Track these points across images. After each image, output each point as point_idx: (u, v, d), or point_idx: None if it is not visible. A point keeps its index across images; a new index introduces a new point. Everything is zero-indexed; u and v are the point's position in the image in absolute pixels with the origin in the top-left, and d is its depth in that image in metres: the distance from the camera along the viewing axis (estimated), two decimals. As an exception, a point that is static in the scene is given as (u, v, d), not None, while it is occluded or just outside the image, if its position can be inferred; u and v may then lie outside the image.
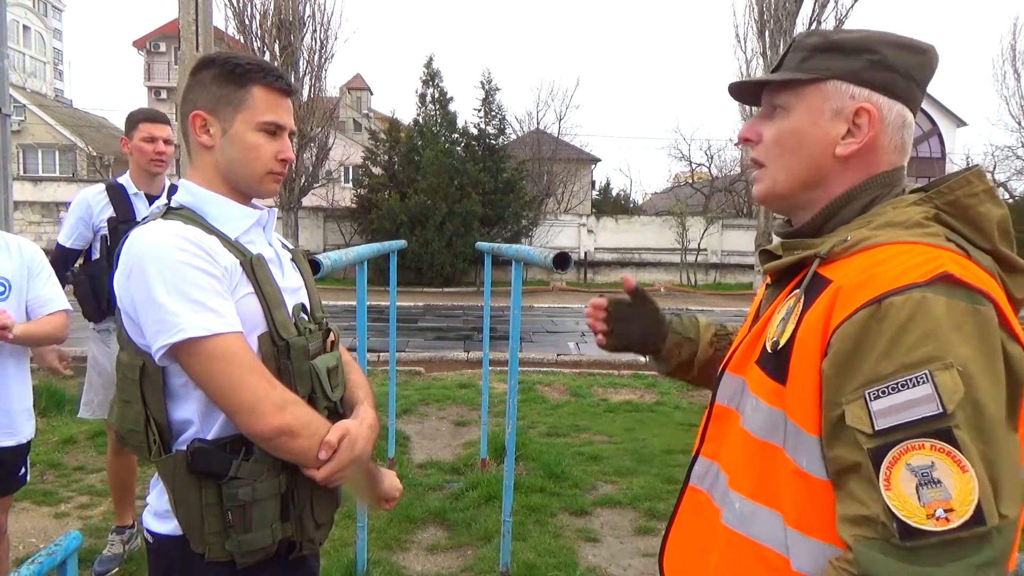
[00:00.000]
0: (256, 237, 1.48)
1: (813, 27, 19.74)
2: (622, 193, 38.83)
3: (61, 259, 3.22)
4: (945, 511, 0.84)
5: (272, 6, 19.83)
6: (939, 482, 0.85)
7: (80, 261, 3.35)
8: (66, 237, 3.26)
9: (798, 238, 1.13)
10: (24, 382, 2.52)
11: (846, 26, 19.64)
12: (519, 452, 4.71)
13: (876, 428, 0.89)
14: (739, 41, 21.20)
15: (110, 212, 3.23)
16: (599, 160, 34.20)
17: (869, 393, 0.90)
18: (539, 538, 3.72)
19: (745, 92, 1.24)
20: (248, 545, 1.35)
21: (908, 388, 0.88)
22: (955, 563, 0.84)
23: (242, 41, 19.62)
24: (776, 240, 1.24)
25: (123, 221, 3.21)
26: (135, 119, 3.30)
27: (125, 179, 3.34)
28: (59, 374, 2.95)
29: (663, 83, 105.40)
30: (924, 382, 0.87)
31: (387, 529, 3.78)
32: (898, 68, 1.07)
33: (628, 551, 3.71)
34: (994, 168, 26.63)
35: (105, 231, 3.22)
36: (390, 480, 1.60)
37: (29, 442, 2.58)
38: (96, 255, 3.25)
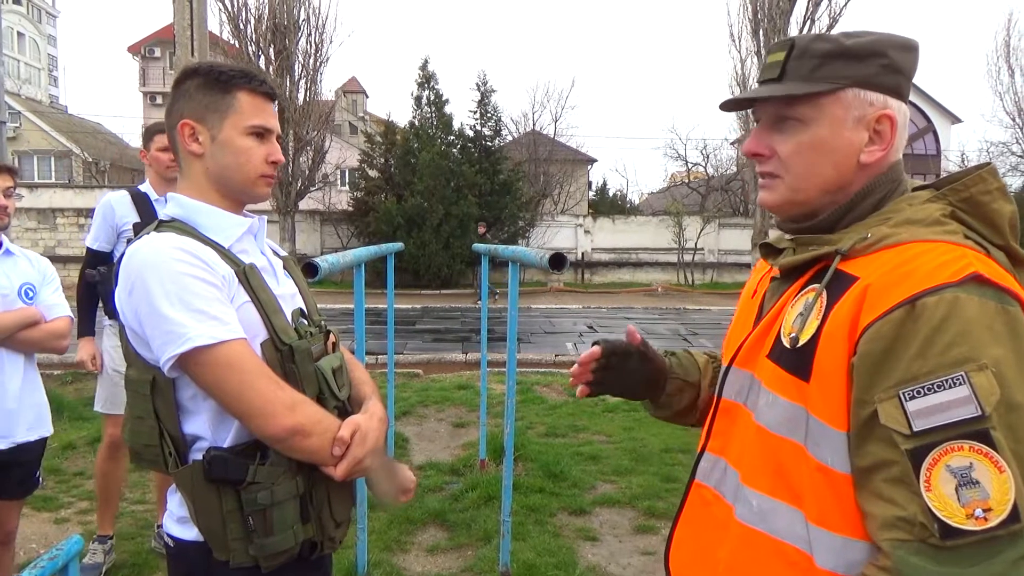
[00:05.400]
0: (248, 246, 1.50)
1: (807, 26, 19.79)
2: (619, 193, 38.98)
3: (91, 261, 3.41)
4: (984, 511, 0.86)
5: (267, 10, 19.84)
6: (977, 483, 0.87)
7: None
8: (92, 239, 3.41)
9: (811, 234, 1.12)
10: (38, 379, 2.76)
11: (840, 24, 19.69)
12: (518, 453, 4.73)
13: (914, 429, 0.90)
14: (733, 40, 21.22)
15: (135, 217, 3.37)
16: (595, 160, 34.16)
17: (904, 393, 0.91)
18: (539, 538, 3.73)
19: (738, 101, 1.21)
20: (271, 548, 1.36)
21: (945, 389, 0.89)
22: (991, 560, 0.86)
23: (237, 45, 19.63)
24: (774, 234, 1.24)
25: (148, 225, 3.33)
26: (151, 132, 3.49)
27: (146, 187, 3.50)
28: (86, 368, 3.41)
29: (658, 83, 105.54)
30: (961, 383, 0.88)
31: (387, 531, 3.79)
32: (904, 70, 1.08)
33: (627, 550, 3.73)
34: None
35: (130, 234, 3.35)
36: (404, 472, 1.61)
37: (46, 442, 2.79)
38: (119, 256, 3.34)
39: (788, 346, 1.04)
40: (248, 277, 1.41)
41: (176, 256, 1.32)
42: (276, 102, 1.53)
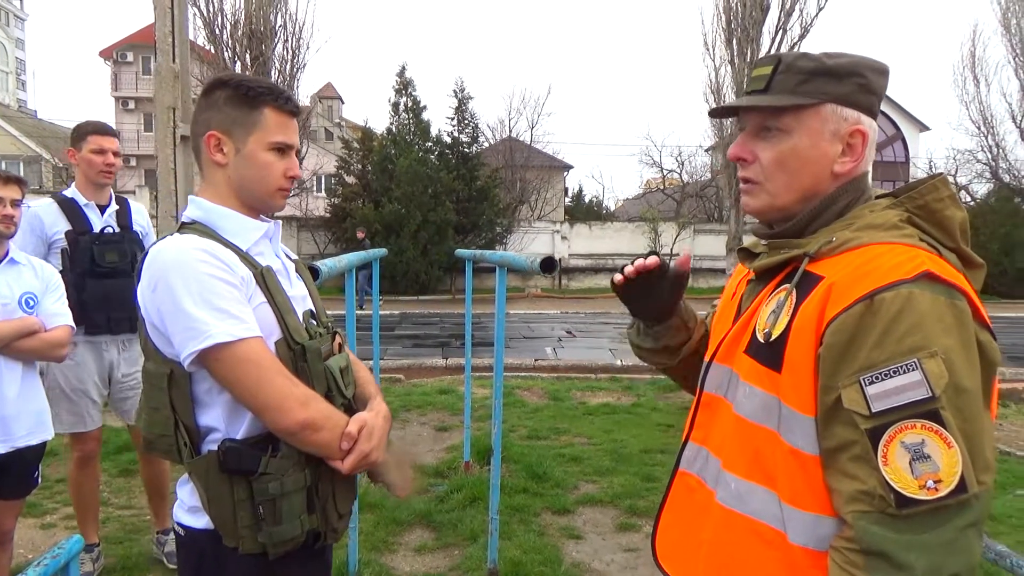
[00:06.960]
0: (264, 248, 1.57)
1: (779, 36, 20.15)
2: (595, 200, 39.22)
3: None
4: (934, 482, 0.97)
5: (243, 16, 19.73)
6: (929, 457, 0.97)
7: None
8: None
9: (782, 239, 1.22)
10: (39, 385, 2.80)
11: (811, 35, 20.09)
12: (501, 454, 4.80)
13: (873, 410, 1.00)
14: (708, 49, 21.47)
15: (65, 225, 3.21)
16: (571, 167, 34.47)
17: (864, 379, 1.01)
18: (524, 537, 3.81)
19: (728, 109, 1.31)
20: (279, 536, 1.44)
21: (900, 374, 0.99)
22: (943, 527, 0.97)
23: (213, 51, 19.49)
24: (751, 239, 1.34)
25: (81, 233, 3.21)
26: (83, 131, 3.26)
27: (73, 191, 3.29)
28: None
29: (634, 90, 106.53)
30: (914, 369, 0.98)
31: (374, 532, 3.84)
32: (876, 91, 1.19)
33: (610, 547, 3.82)
34: (956, 171, 27.33)
35: (64, 244, 3.20)
36: (408, 467, 1.69)
37: (46, 444, 2.81)
38: (59, 269, 3.17)
39: (762, 341, 1.14)
40: (265, 279, 1.48)
41: (199, 257, 1.39)
42: (297, 118, 1.59)
